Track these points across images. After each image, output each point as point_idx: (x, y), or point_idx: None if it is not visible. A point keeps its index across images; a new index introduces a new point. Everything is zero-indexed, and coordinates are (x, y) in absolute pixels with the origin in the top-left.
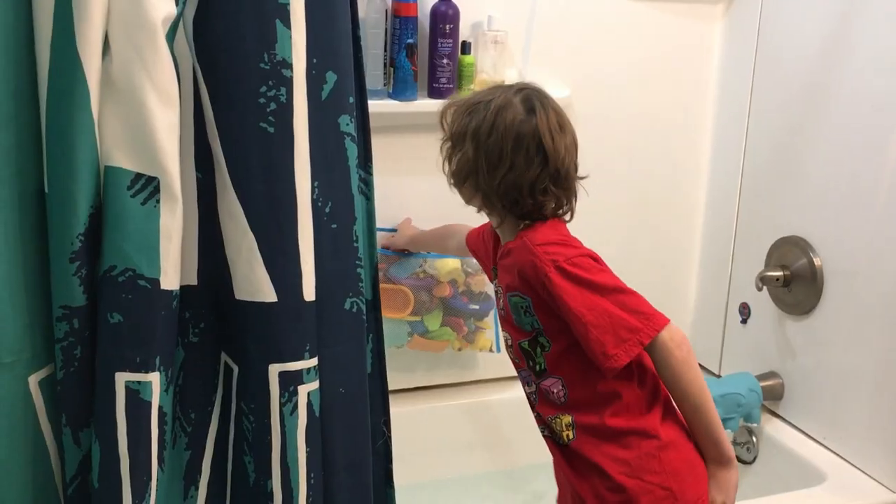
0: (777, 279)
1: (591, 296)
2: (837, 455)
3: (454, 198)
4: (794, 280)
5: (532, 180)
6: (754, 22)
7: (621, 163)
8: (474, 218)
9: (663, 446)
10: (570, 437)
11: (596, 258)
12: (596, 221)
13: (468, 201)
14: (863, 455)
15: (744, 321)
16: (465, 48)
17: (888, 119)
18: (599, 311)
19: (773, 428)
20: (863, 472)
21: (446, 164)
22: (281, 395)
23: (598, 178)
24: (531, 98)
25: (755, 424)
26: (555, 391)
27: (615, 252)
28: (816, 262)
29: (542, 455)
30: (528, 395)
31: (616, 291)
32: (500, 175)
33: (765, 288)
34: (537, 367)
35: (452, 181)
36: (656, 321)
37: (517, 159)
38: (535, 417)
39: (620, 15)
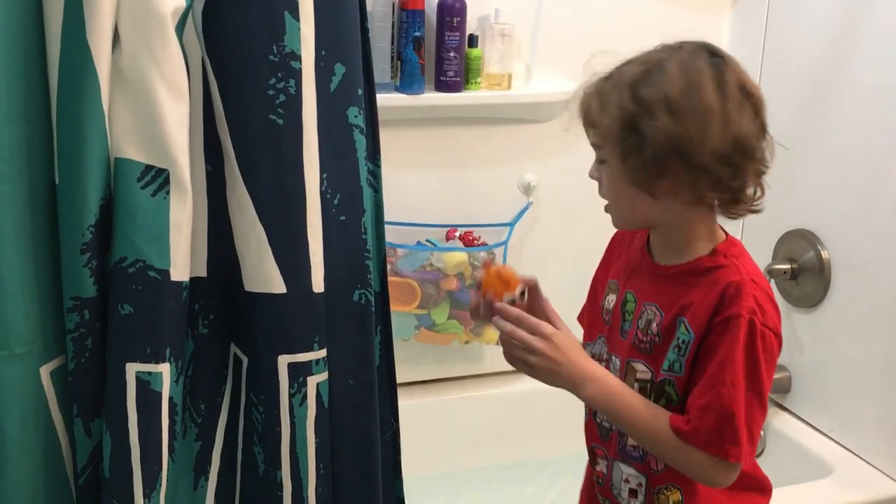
0: (785, 272)
1: (744, 379)
2: (845, 448)
3: (460, 190)
4: (802, 273)
5: (750, 135)
6: (762, 15)
7: None
8: (475, 215)
9: None
10: None
11: (779, 346)
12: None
13: (659, 197)
14: (870, 448)
15: None
16: (473, 41)
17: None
18: (738, 398)
19: (780, 421)
20: (870, 464)
21: (622, 161)
22: (290, 387)
23: None
24: (704, 45)
25: None
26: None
27: None
28: (824, 255)
29: (548, 449)
30: (618, 445)
31: (759, 398)
32: (715, 135)
33: (772, 281)
34: None
35: (644, 174)
36: (746, 457)
37: (729, 107)
38: (602, 480)
39: (628, 7)
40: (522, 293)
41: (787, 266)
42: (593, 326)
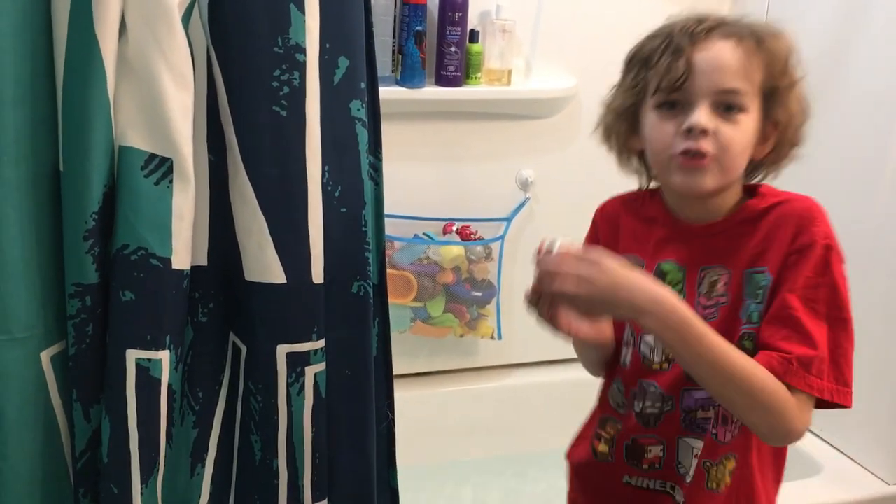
0: None
1: (825, 307)
2: (833, 447)
3: (458, 184)
4: None
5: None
6: (761, 15)
7: None
8: (473, 209)
9: None
10: (727, 483)
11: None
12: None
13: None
14: (858, 447)
15: None
16: (474, 36)
17: (893, 112)
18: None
19: None
20: (858, 463)
21: (765, 109)
22: (288, 376)
23: (606, 165)
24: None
25: None
26: (735, 419)
27: None
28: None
29: (541, 442)
30: (683, 422)
31: (844, 327)
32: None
33: None
34: None
35: (768, 124)
36: (836, 395)
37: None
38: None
39: (628, 4)
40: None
41: None
42: None
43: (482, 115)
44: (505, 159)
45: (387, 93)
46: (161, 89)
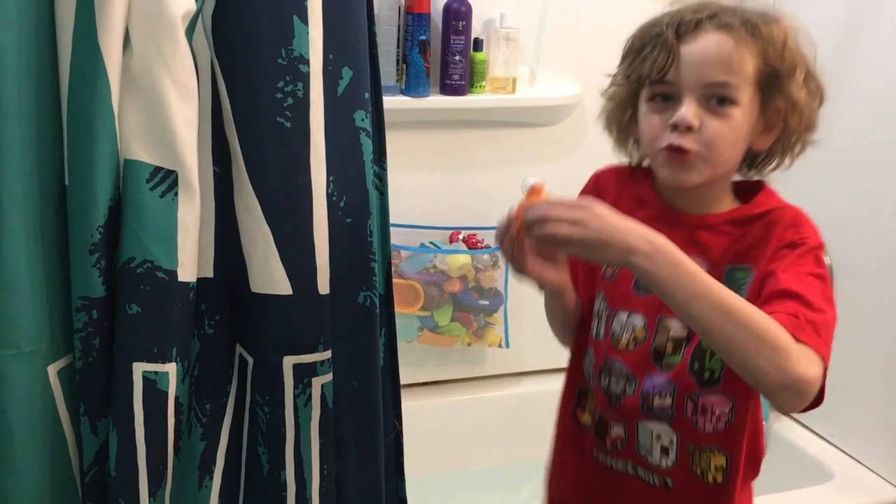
0: None
1: (819, 289)
2: (845, 453)
3: (463, 193)
4: None
5: None
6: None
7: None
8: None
9: None
10: (719, 480)
11: None
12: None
13: (758, 137)
14: (870, 453)
15: None
16: (478, 45)
17: None
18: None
19: (781, 426)
20: (870, 470)
21: (761, 101)
22: (295, 387)
23: None
24: None
25: (764, 422)
26: (717, 412)
27: None
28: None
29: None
30: (641, 406)
31: (832, 308)
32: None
33: None
34: (705, 375)
35: (766, 115)
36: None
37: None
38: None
39: (632, 12)
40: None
41: None
42: (584, 282)
43: (487, 123)
44: (510, 167)
45: (391, 102)
46: (165, 102)
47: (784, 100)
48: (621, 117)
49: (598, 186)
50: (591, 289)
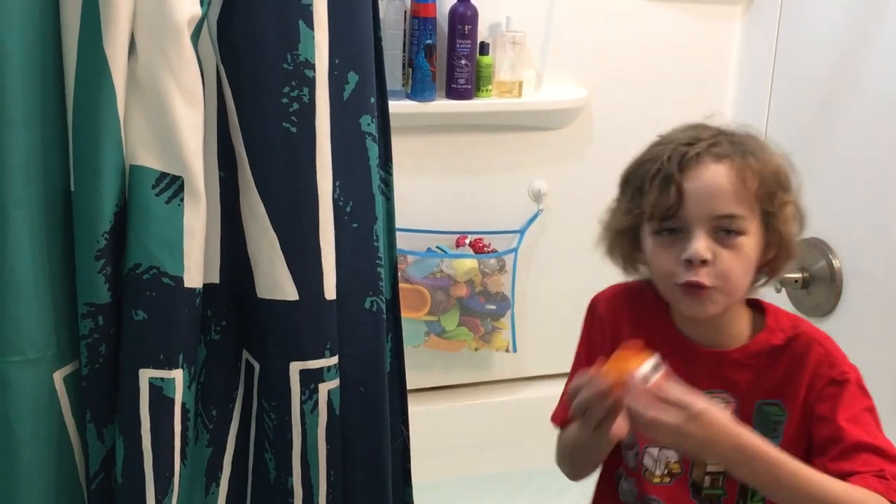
0: (795, 281)
1: (877, 428)
2: None
3: (470, 197)
4: (813, 282)
5: None
6: (774, 22)
7: None
8: (486, 222)
9: None
10: None
11: None
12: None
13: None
14: None
15: None
16: (484, 49)
17: None
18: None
19: None
20: None
21: (763, 230)
22: (301, 393)
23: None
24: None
25: None
26: None
27: None
28: (835, 263)
29: None
30: None
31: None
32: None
33: (783, 290)
34: None
35: (769, 241)
36: None
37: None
38: None
39: (638, 16)
40: (657, 365)
41: (798, 275)
42: None
43: (493, 127)
44: (517, 171)
45: (397, 107)
46: (171, 107)
47: (777, 231)
48: (624, 246)
49: (612, 315)
50: None
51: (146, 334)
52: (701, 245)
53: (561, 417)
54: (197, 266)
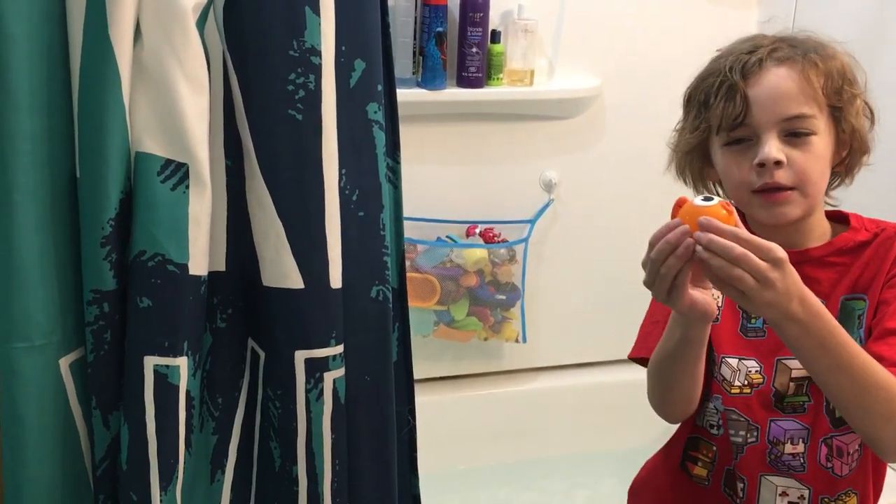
0: None
1: None
2: None
3: (481, 187)
4: None
5: None
6: (790, 10)
7: (654, 151)
8: (496, 212)
9: None
10: None
11: None
12: (629, 210)
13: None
14: None
15: None
16: (495, 37)
17: None
18: None
19: None
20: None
21: (834, 129)
22: (307, 382)
23: (631, 166)
24: None
25: None
26: (851, 451)
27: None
28: None
29: (567, 446)
30: (768, 456)
31: None
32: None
33: None
34: (837, 413)
35: (840, 139)
36: None
37: None
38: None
39: (652, 4)
40: (728, 205)
41: None
42: None
43: (504, 116)
44: (528, 161)
45: (408, 95)
46: (176, 94)
47: (847, 127)
48: (694, 164)
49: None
50: None
51: (151, 321)
52: (773, 147)
53: (638, 349)
54: (202, 253)
